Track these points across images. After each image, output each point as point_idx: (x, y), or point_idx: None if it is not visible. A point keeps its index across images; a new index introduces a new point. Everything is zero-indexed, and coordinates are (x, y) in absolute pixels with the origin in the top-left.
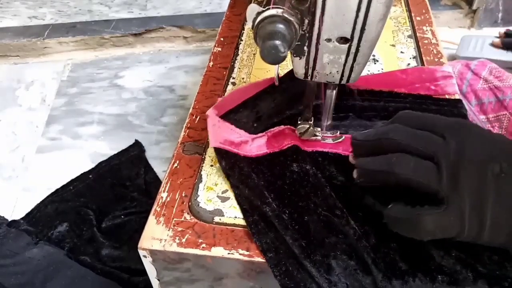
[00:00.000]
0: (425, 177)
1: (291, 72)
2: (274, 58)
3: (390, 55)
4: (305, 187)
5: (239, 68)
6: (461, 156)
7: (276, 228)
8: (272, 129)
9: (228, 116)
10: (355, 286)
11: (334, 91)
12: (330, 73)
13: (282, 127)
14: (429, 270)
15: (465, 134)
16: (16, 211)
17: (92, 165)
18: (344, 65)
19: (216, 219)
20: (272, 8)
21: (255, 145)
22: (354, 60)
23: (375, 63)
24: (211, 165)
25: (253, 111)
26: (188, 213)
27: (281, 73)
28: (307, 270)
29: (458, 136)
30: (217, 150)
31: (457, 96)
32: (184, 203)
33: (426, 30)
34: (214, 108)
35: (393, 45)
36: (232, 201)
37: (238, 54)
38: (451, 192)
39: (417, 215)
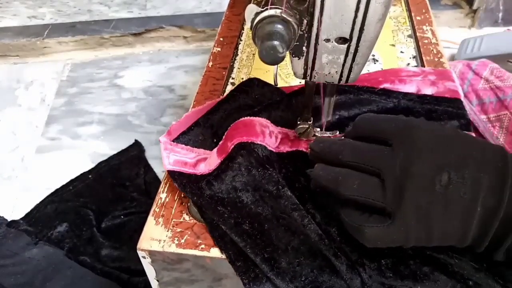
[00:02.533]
0: (369, 195)
1: (239, 85)
2: (272, 58)
3: (390, 55)
4: (259, 190)
5: (239, 68)
6: (407, 169)
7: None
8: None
9: (181, 138)
10: (325, 284)
11: (334, 90)
12: (329, 73)
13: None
14: (373, 256)
15: (413, 141)
16: (15, 211)
17: (92, 165)
18: (343, 65)
19: None
20: (271, 8)
21: (211, 159)
22: (353, 60)
23: (374, 63)
24: None
25: (206, 126)
26: (187, 214)
27: (281, 73)
28: (273, 283)
29: (406, 144)
30: (170, 173)
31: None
32: (183, 204)
33: (426, 30)
34: (166, 134)
35: (393, 45)
36: None
37: (238, 54)
38: (396, 208)
39: (360, 226)
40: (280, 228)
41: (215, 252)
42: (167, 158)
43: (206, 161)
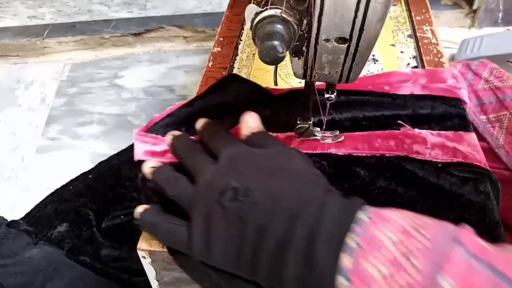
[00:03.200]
0: (171, 190)
1: (217, 82)
2: (272, 58)
3: (390, 55)
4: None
5: (239, 69)
6: (205, 178)
7: None
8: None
9: (153, 127)
10: None
11: (334, 91)
12: (329, 73)
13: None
14: None
15: (224, 156)
16: (15, 211)
17: (92, 165)
18: (343, 65)
19: None
20: (271, 8)
21: None
22: (353, 60)
23: (374, 63)
24: None
25: (178, 116)
26: None
27: (281, 73)
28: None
29: (221, 158)
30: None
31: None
32: None
33: (426, 30)
34: (145, 126)
35: (393, 45)
36: None
37: (238, 54)
38: (190, 212)
39: (156, 221)
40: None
41: None
42: (137, 149)
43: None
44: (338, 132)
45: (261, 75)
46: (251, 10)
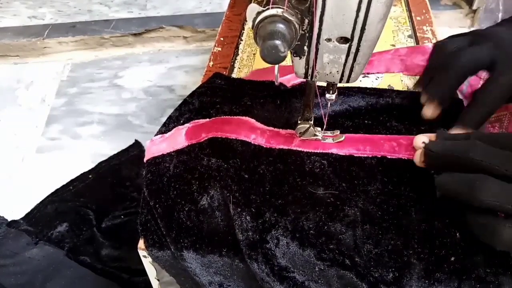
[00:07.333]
0: (510, 203)
1: (202, 84)
2: (274, 58)
3: None
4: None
5: (239, 68)
6: None
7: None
8: (195, 121)
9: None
10: None
11: (335, 91)
12: (330, 73)
13: (203, 120)
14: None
15: None
16: (15, 211)
17: (92, 165)
18: (344, 65)
19: None
20: (272, 7)
21: (176, 138)
22: (354, 60)
23: None
24: None
25: (176, 116)
26: None
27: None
28: None
29: None
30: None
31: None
32: None
33: (426, 30)
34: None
35: (393, 45)
36: None
37: (238, 54)
38: None
39: (495, 224)
40: (216, 223)
41: None
42: (149, 149)
43: (168, 137)
44: (338, 132)
45: None
46: (252, 9)
